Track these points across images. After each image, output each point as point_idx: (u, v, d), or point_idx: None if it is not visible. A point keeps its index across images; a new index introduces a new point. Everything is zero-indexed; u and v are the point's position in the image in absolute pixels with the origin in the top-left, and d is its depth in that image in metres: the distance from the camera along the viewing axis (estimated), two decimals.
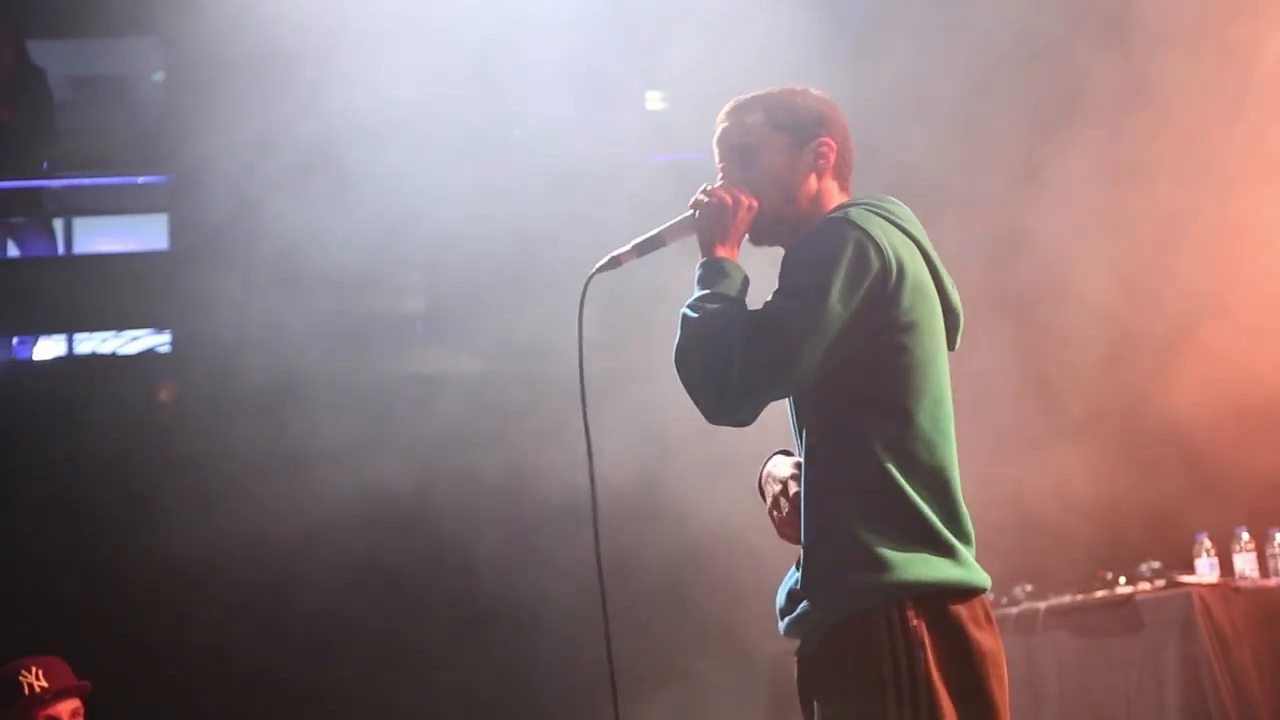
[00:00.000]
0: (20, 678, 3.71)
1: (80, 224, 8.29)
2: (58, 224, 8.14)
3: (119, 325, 7.83)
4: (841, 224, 2.49)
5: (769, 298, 2.51)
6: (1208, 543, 5.56)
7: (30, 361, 7.88)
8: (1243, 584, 5.40)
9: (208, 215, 7.05)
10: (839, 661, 2.42)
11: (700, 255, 2.62)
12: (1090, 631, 5.47)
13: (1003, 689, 2.44)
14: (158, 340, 7.90)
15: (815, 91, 2.75)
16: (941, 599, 2.40)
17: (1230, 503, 6.00)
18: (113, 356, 7.90)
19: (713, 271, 2.58)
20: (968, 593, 2.43)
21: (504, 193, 6.78)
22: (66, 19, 8.02)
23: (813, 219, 2.60)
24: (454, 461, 6.59)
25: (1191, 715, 5.07)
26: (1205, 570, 5.50)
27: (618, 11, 6.97)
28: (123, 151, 7.63)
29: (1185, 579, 5.41)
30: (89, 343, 7.99)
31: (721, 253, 2.60)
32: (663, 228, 2.71)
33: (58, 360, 7.89)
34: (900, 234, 2.56)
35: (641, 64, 7.56)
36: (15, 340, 7.81)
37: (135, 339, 7.95)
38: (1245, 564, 5.51)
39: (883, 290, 2.44)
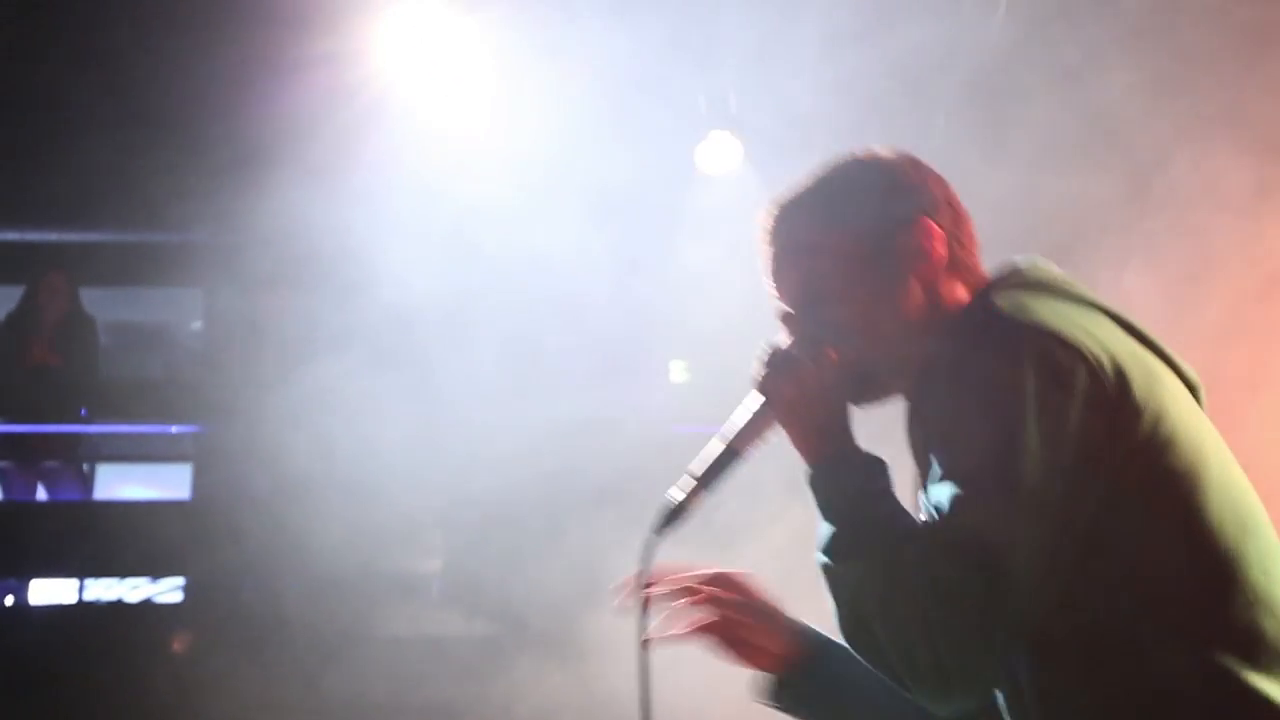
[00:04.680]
0: None
1: (104, 469, 8.36)
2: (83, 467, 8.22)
3: (132, 572, 7.81)
4: (987, 333, 1.59)
5: (940, 499, 1.54)
6: None
7: (41, 606, 7.83)
8: None
9: (231, 468, 7.12)
10: None
11: (803, 459, 1.70)
12: None
13: None
14: (168, 587, 7.88)
15: (885, 153, 1.83)
16: None
17: None
18: (120, 604, 7.86)
19: (832, 481, 1.64)
20: None
21: (527, 452, 6.83)
22: (116, 269, 8.27)
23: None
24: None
25: None
26: None
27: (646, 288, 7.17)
28: (157, 401, 7.76)
29: None
30: (98, 588, 7.97)
31: (828, 446, 1.67)
32: (730, 437, 1.78)
33: (68, 606, 7.84)
34: (1079, 306, 1.68)
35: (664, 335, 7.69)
36: (29, 584, 7.79)
37: (136, 588, 7.93)
38: None
39: (1104, 401, 1.55)
